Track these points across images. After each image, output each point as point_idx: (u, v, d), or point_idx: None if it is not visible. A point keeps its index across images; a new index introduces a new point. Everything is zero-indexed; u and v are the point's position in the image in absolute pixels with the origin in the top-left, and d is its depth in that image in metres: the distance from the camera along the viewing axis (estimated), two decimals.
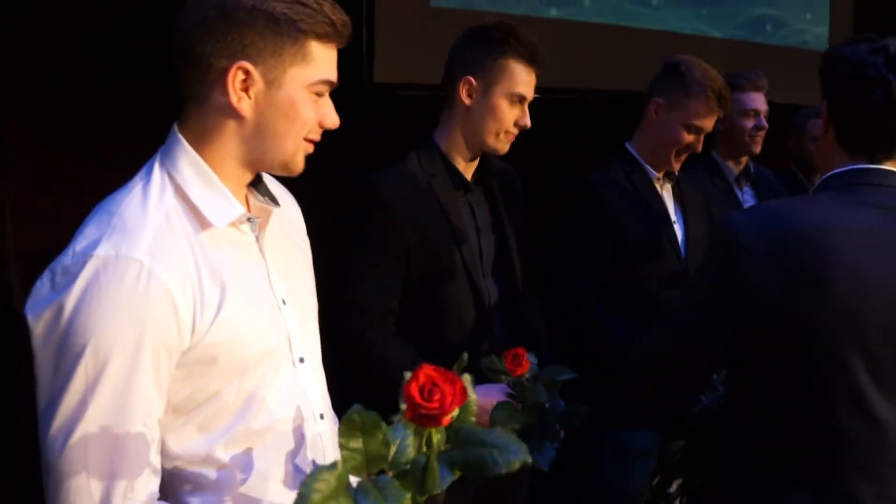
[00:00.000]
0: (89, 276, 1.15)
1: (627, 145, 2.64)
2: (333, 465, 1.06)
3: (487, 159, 2.20)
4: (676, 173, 2.65)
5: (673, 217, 2.61)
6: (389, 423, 1.11)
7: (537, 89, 2.13)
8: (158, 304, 1.17)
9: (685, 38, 3.99)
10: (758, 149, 3.17)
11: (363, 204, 2.07)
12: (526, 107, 2.11)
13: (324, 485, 1.02)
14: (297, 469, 1.33)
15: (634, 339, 2.38)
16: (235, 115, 1.26)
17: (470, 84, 2.09)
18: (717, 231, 1.58)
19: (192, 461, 1.26)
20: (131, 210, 1.23)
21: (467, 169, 2.16)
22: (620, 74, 3.58)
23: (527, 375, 1.79)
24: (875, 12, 4.90)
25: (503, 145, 2.12)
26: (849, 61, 1.55)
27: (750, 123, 3.13)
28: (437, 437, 1.07)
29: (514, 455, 1.07)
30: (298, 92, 1.28)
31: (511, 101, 2.08)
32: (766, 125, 3.15)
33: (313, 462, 1.35)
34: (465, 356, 1.22)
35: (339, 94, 1.37)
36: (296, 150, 1.32)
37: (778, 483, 1.53)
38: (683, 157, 2.57)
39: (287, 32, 1.24)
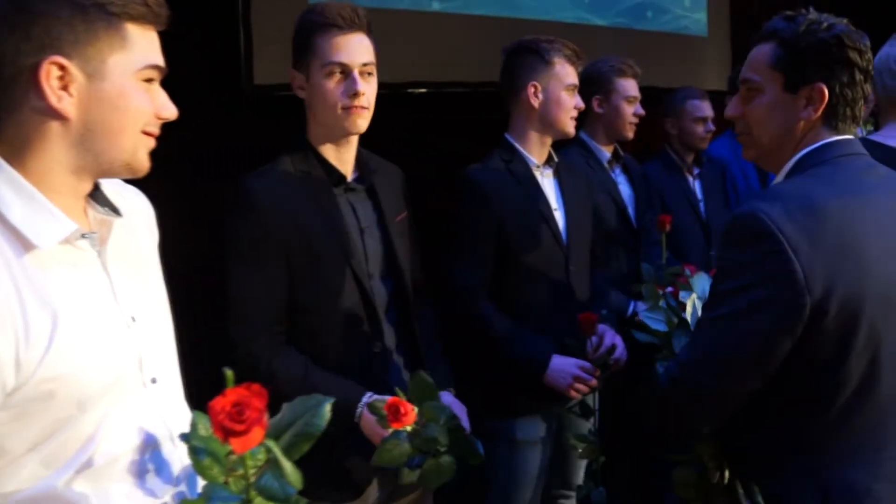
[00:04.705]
0: None
1: (507, 136, 2.64)
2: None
3: (363, 156, 2.12)
4: (556, 159, 2.67)
5: (554, 205, 2.61)
6: None
7: (423, 83, 2.03)
8: None
9: (568, 27, 4.02)
10: (632, 134, 3.23)
11: (238, 209, 1.98)
12: (352, 74, 1.97)
13: None
14: (151, 496, 1.23)
15: (518, 334, 2.43)
16: (57, 116, 1.15)
17: (293, 74, 2.05)
18: (744, 224, 1.50)
19: None
20: None
21: (343, 165, 2.07)
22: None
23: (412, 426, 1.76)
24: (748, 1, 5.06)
25: (344, 121, 2.00)
26: (841, 44, 1.55)
27: (631, 109, 3.20)
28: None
29: None
30: (126, 81, 1.19)
31: (328, 74, 1.99)
32: (643, 112, 3.22)
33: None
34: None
35: (220, 96, 1.29)
36: (135, 147, 1.22)
37: (827, 465, 1.50)
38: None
39: (98, 17, 1.15)
